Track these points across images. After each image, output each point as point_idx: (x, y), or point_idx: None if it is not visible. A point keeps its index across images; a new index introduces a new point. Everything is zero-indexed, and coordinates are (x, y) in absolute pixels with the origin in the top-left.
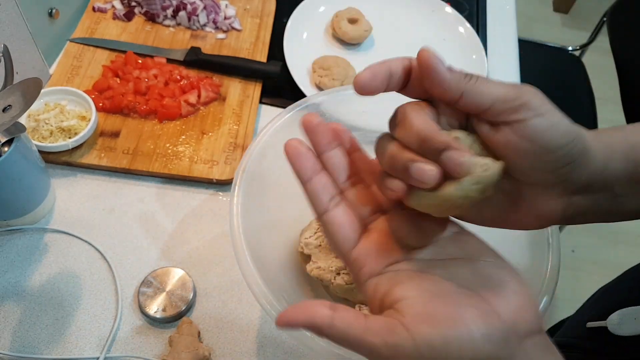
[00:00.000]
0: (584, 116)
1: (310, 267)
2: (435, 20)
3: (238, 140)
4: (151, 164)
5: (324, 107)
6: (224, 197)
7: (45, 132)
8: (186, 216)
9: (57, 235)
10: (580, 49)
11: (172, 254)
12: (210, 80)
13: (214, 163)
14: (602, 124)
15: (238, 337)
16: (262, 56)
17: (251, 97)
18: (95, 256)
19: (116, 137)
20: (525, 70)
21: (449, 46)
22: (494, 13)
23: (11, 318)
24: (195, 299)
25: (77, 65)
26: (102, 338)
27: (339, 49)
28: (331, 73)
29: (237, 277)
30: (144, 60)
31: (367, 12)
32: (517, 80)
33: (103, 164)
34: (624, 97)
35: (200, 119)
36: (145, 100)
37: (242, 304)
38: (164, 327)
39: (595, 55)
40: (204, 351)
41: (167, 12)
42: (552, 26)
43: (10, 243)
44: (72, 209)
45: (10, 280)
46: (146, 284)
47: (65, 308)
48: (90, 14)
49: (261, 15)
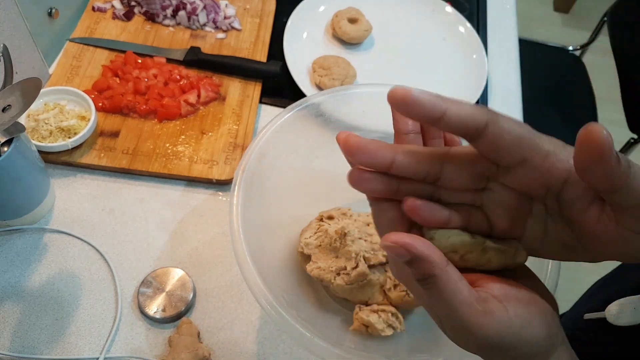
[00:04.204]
0: (584, 116)
1: (310, 267)
2: (436, 19)
3: (238, 140)
4: (151, 164)
5: (323, 107)
6: (224, 197)
7: (44, 132)
8: (186, 216)
9: (56, 235)
10: (581, 48)
11: (172, 254)
12: (210, 80)
13: (213, 163)
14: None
15: (238, 337)
16: (262, 56)
17: (251, 97)
18: (95, 256)
19: (116, 137)
20: (525, 70)
21: (449, 46)
22: (494, 13)
23: (11, 318)
24: (195, 299)
25: (76, 65)
26: (101, 338)
27: (339, 49)
28: (331, 73)
29: (237, 277)
30: (144, 60)
31: (367, 12)
32: (517, 80)
33: (103, 164)
34: (624, 97)
35: (200, 118)
36: (144, 100)
37: (242, 304)
38: (163, 327)
39: (595, 55)
40: (203, 351)
41: (167, 12)
42: (552, 26)
43: (10, 243)
44: (72, 209)
45: (10, 280)
46: (146, 284)
47: (64, 308)
48: (90, 14)
49: (261, 15)
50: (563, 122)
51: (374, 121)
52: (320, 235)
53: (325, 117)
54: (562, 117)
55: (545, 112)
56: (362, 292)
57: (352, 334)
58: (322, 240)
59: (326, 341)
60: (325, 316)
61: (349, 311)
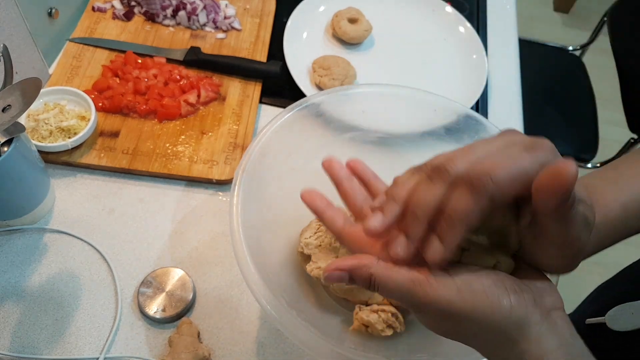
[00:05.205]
0: (584, 116)
1: (310, 267)
2: (436, 20)
3: (238, 140)
4: (151, 164)
5: (323, 107)
6: (224, 197)
7: (44, 132)
8: (186, 216)
9: (56, 235)
10: (581, 48)
11: (172, 254)
12: (210, 80)
13: (213, 163)
14: (602, 124)
15: (238, 337)
16: (262, 56)
17: (251, 97)
18: (95, 256)
19: (116, 137)
20: (525, 70)
21: (449, 46)
22: (494, 13)
23: (11, 318)
24: (195, 299)
25: (76, 65)
26: (101, 338)
27: (339, 49)
28: (331, 73)
29: (237, 277)
30: (144, 60)
31: (367, 12)
32: (517, 80)
33: (103, 164)
34: (624, 97)
35: (200, 118)
36: (144, 100)
37: (242, 304)
38: (163, 327)
39: (595, 55)
40: (203, 351)
41: (167, 12)
42: (552, 26)
43: (10, 243)
44: (72, 209)
45: (10, 280)
46: (146, 284)
47: (64, 308)
48: (90, 14)
49: (261, 14)
50: (563, 122)
51: (374, 121)
52: (320, 235)
53: (325, 117)
54: (562, 117)
55: (545, 112)
56: (362, 292)
57: (352, 334)
58: (322, 240)
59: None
60: (325, 316)
61: (349, 311)
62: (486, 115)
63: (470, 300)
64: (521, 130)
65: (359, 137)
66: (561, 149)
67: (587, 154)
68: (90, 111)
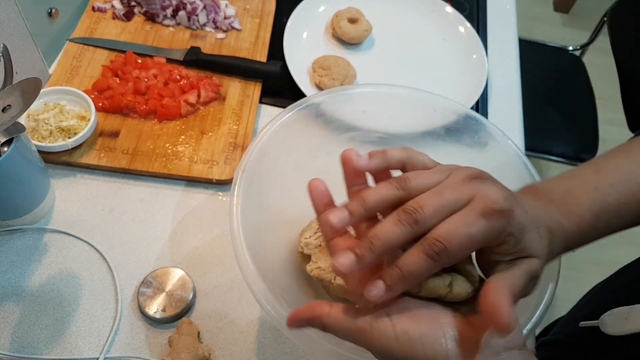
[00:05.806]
0: (584, 116)
1: (310, 267)
2: (436, 20)
3: (238, 140)
4: (151, 164)
5: (323, 107)
6: (224, 197)
7: (44, 132)
8: (186, 216)
9: (56, 235)
10: (581, 48)
11: (172, 254)
12: (210, 80)
13: (213, 163)
14: (602, 124)
15: (238, 337)
16: (262, 56)
17: (251, 97)
18: (95, 256)
19: (116, 137)
20: (525, 70)
21: (449, 46)
22: (494, 13)
23: (11, 318)
24: (195, 299)
25: (76, 65)
26: (101, 338)
27: (339, 49)
28: (331, 73)
29: (237, 277)
30: (144, 60)
31: (367, 12)
32: (517, 80)
33: (103, 164)
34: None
35: (200, 119)
36: (144, 100)
37: (242, 304)
38: (163, 327)
39: (595, 55)
40: (203, 351)
41: (167, 12)
42: (552, 26)
43: (10, 243)
44: (72, 209)
45: (10, 280)
46: (146, 284)
47: (64, 308)
48: (90, 14)
49: (261, 14)
50: (563, 122)
51: (374, 121)
52: (320, 235)
53: (325, 117)
54: (562, 117)
55: (545, 112)
56: None
57: None
58: (322, 240)
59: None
60: None
61: None
62: (486, 115)
63: (407, 349)
64: (521, 130)
65: (359, 137)
66: (561, 149)
67: (587, 153)
68: (90, 111)
